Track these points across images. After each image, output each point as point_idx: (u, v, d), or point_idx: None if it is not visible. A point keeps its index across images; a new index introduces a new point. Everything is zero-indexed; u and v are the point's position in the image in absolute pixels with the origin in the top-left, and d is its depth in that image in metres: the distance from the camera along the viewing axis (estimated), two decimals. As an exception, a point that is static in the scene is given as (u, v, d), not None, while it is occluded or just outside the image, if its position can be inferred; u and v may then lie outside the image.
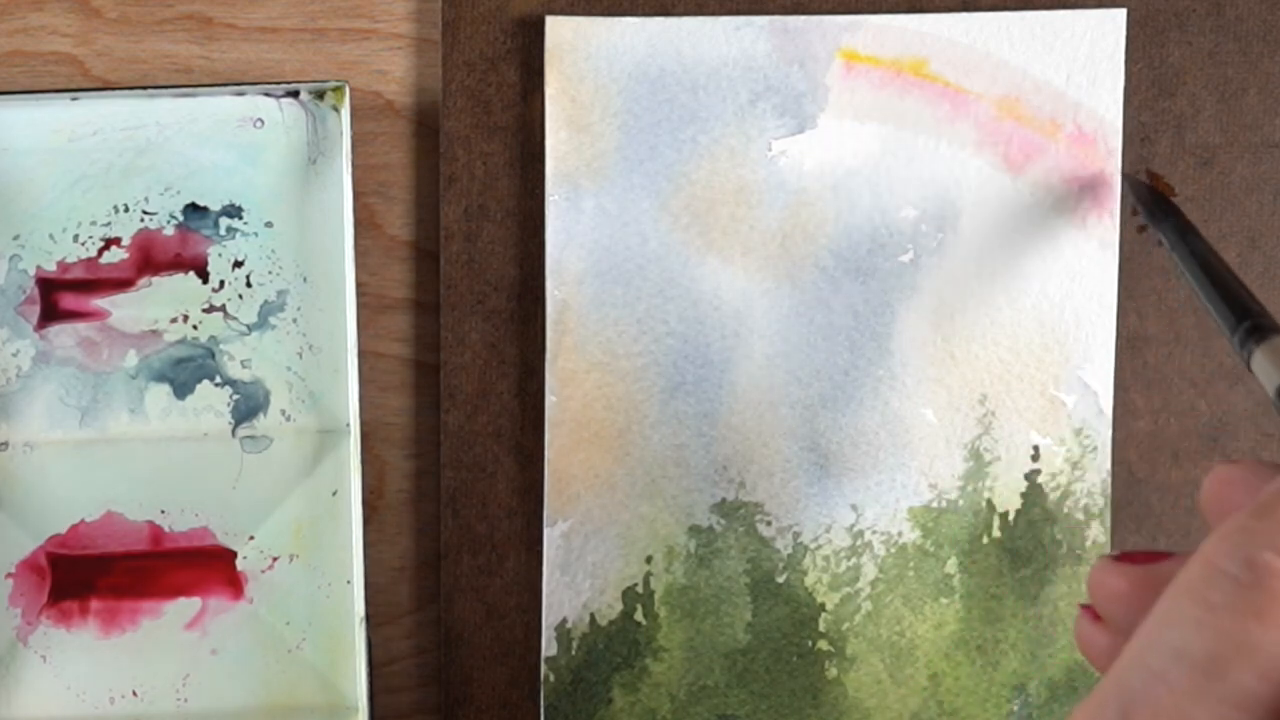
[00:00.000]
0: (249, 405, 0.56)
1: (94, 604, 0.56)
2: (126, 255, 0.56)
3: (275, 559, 0.56)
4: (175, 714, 0.56)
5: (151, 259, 0.56)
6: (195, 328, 0.56)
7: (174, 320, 0.56)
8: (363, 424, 0.56)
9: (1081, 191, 0.57)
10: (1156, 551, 0.34)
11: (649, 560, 0.57)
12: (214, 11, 0.56)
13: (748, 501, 0.57)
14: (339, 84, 0.54)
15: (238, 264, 0.56)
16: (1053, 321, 0.57)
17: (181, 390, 0.56)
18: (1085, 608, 0.36)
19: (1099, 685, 0.31)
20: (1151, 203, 0.53)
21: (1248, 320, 0.40)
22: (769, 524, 0.57)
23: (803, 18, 0.56)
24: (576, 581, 0.57)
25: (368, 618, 0.56)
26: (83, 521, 0.56)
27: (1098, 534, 0.57)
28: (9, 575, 0.56)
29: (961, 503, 0.57)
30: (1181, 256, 0.48)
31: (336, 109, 0.54)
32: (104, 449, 0.56)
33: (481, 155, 0.56)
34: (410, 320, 0.57)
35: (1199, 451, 0.58)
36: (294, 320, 0.56)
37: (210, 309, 0.56)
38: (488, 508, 0.57)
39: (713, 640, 0.57)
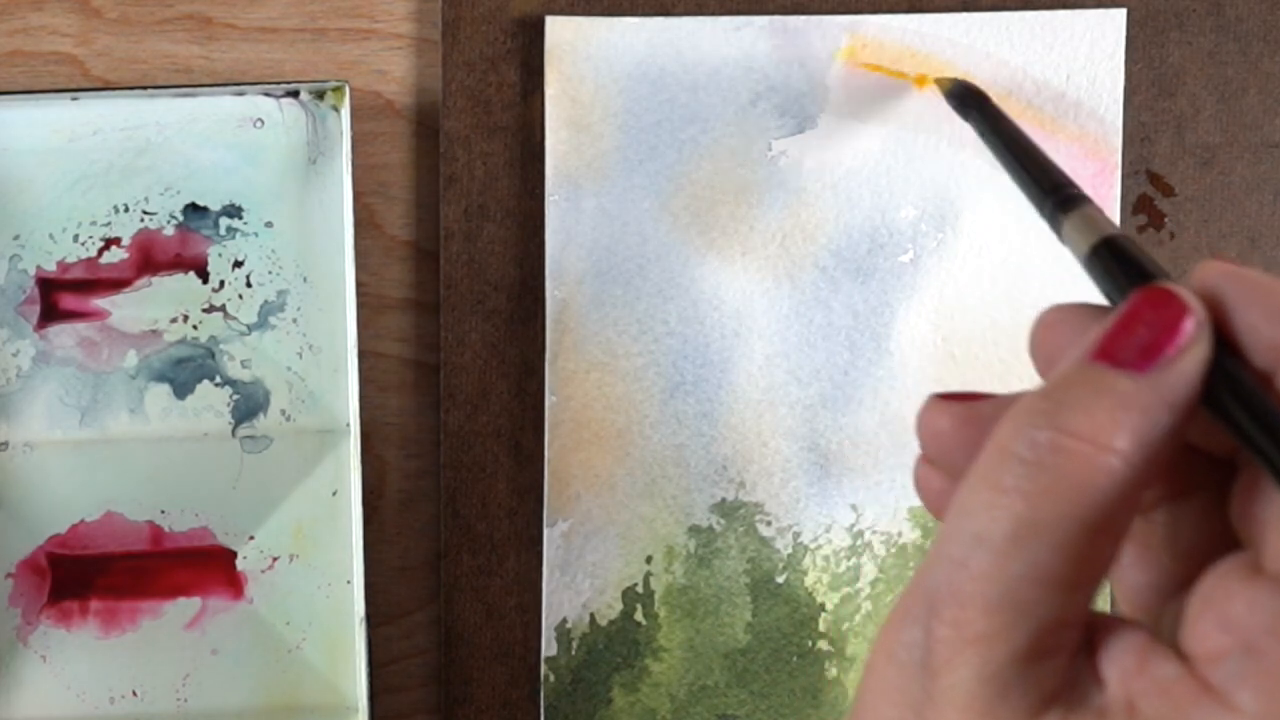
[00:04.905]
0: (249, 405, 0.56)
1: (94, 604, 0.56)
2: (126, 255, 0.56)
3: (275, 559, 0.56)
4: (175, 714, 0.56)
5: (151, 259, 0.56)
6: (195, 328, 0.56)
7: (174, 320, 0.56)
8: (363, 424, 0.56)
9: (1081, 191, 0.57)
10: (976, 392, 0.35)
11: (649, 560, 0.57)
12: (214, 11, 0.56)
13: (748, 501, 0.57)
14: (339, 84, 0.54)
15: (238, 264, 0.56)
16: (1053, 321, 0.57)
17: (181, 390, 0.56)
18: (922, 455, 0.36)
19: (911, 580, 0.32)
20: (960, 95, 0.53)
21: (1057, 194, 0.41)
22: (769, 524, 0.57)
23: (803, 18, 0.56)
24: (576, 581, 0.57)
25: (368, 618, 0.56)
26: (83, 521, 0.56)
27: (1098, 534, 0.57)
28: (9, 575, 0.56)
29: (961, 503, 0.57)
30: (991, 143, 0.49)
31: (336, 109, 0.54)
32: (104, 449, 0.56)
33: (481, 155, 0.56)
34: (410, 320, 0.57)
35: (1199, 451, 0.58)
36: (294, 320, 0.56)
37: (210, 309, 0.56)
38: (488, 508, 0.57)
39: (713, 640, 0.57)
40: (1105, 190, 0.57)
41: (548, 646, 0.57)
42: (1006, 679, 0.30)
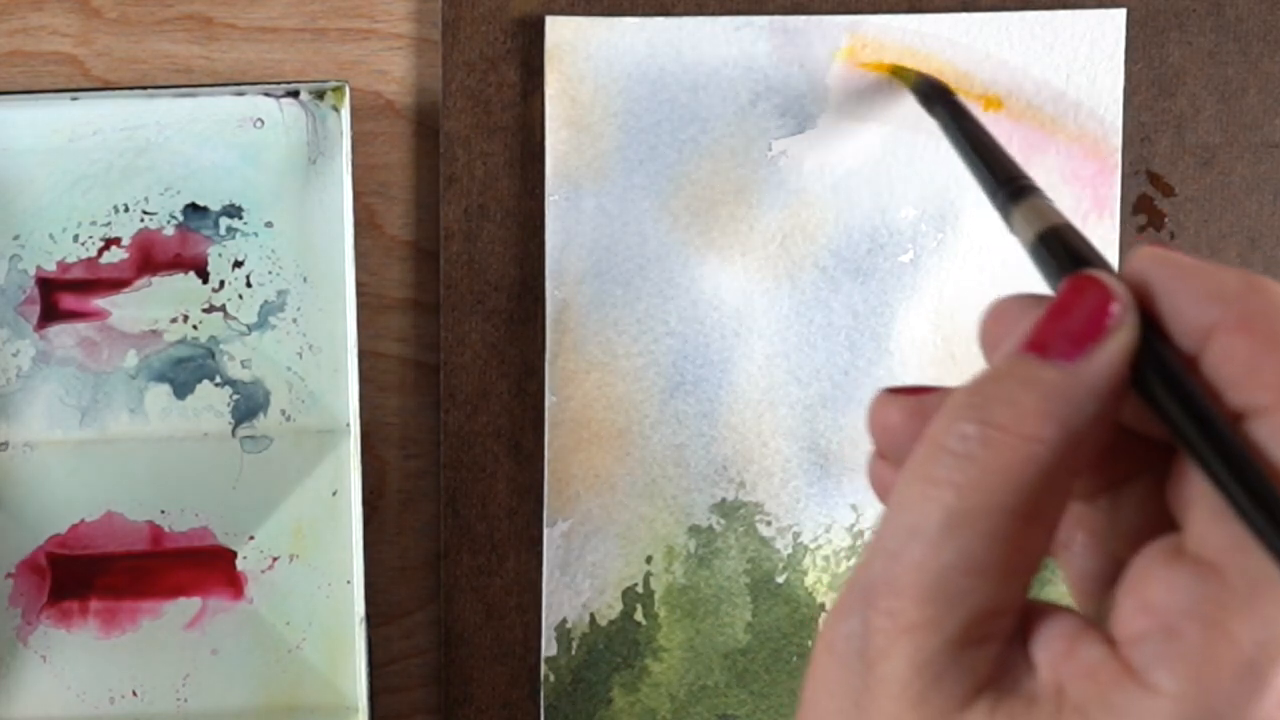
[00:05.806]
0: (249, 405, 0.56)
1: (94, 604, 0.56)
2: (126, 255, 0.56)
3: (275, 559, 0.56)
4: (175, 714, 0.56)
5: (151, 259, 0.56)
6: (195, 328, 0.56)
7: (174, 320, 0.56)
8: (362, 424, 0.56)
9: (1081, 191, 0.57)
10: (925, 386, 0.36)
11: (649, 560, 0.57)
12: (214, 11, 0.56)
13: (748, 501, 0.57)
14: (339, 84, 0.54)
15: (238, 264, 0.56)
16: (1053, 321, 0.57)
17: (181, 390, 0.56)
18: (875, 449, 0.36)
19: (851, 574, 0.33)
20: (926, 90, 0.53)
21: (1010, 185, 0.42)
22: (769, 524, 0.57)
23: (803, 18, 0.56)
24: (576, 581, 0.57)
25: (368, 618, 0.56)
26: (83, 521, 0.56)
27: (1098, 534, 0.57)
28: (9, 575, 0.56)
29: (961, 503, 0.57)
30: (952, 135, 0.50)
31: (336, 109, 0.54)
32: (104, 449, 0.56)
33: (481, 155, 0.56)
34: (410, 320, 0.57)
35: (1199, 451, 0.58)
36: (294, 320, 0.56)
37: (210, 309, 0.56)
38: (488, 508, 0.57)
39: (713, 640, 0.57)
40: (1105, 190, 0.57)
41: (548, 646, 0.57)
42: (939, 666, 0.31)
